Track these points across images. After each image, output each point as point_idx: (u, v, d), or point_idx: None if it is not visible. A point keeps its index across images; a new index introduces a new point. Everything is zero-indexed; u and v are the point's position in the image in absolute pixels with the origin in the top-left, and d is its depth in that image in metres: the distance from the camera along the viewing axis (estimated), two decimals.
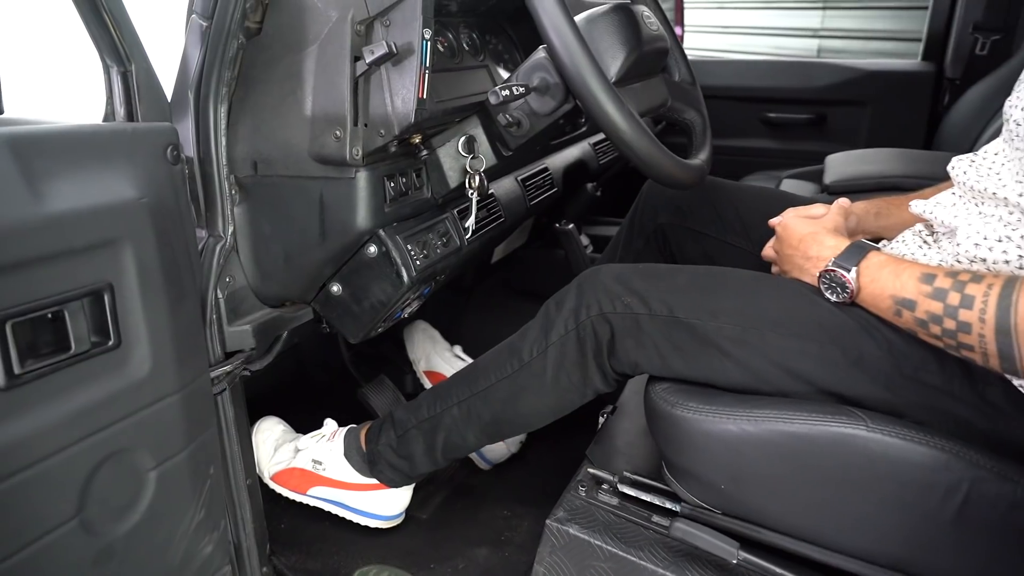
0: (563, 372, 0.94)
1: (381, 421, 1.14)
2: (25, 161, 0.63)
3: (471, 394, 1.01)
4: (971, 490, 0.74)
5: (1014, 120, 0.82)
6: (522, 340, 0.98)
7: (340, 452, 1.16)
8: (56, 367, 0.66)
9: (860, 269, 0.80)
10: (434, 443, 1.06)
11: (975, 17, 1.88)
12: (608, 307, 0.90)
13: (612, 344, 0.91)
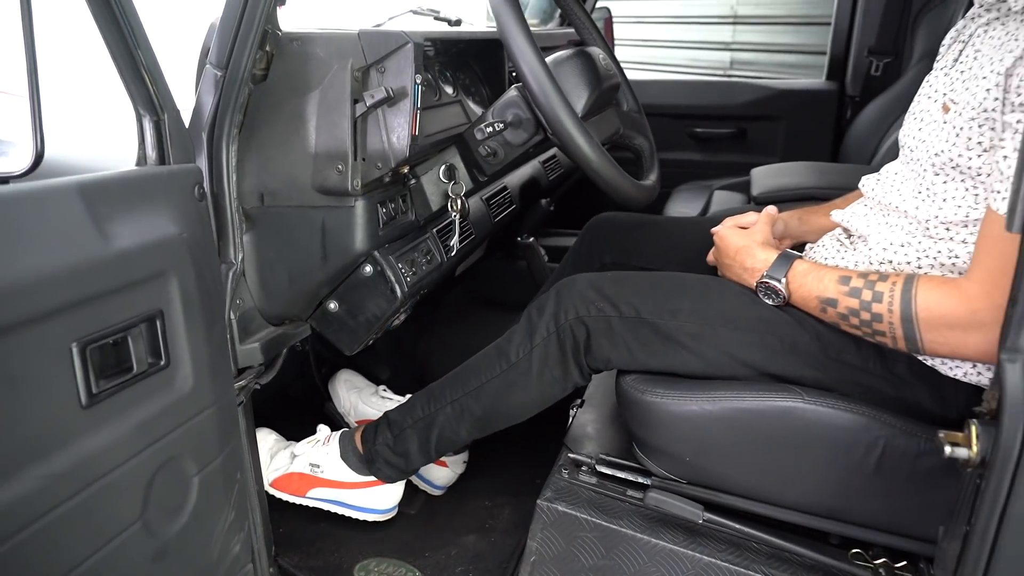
0: (547, 369, 1.07)
1: (376, 424, 1.24)
2: (92, 206, 0.72)
3: (463, 393, 1.13)
4: (886, 445, 0.92)
5: (907, 146, 1.01)
6: (508, 343, 1.11)
7: (337, 454, 1.25)
8: (123, 386, 0.74)
9: (788, 278, 0.97)
10: (428, 440, 1.17)
11: (869, 42, 2.13)
12: (584, 311, 1.04)
13: (588, 343, 1.05)
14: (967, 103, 0.87)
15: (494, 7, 0.97)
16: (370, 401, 1.48)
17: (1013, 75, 0.82)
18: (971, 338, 0.83)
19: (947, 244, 0.93)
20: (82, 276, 0.69)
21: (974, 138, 0.87)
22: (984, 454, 0.74)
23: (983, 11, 0.96)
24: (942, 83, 0.98)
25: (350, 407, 1.50)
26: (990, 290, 0.81)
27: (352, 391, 1.51)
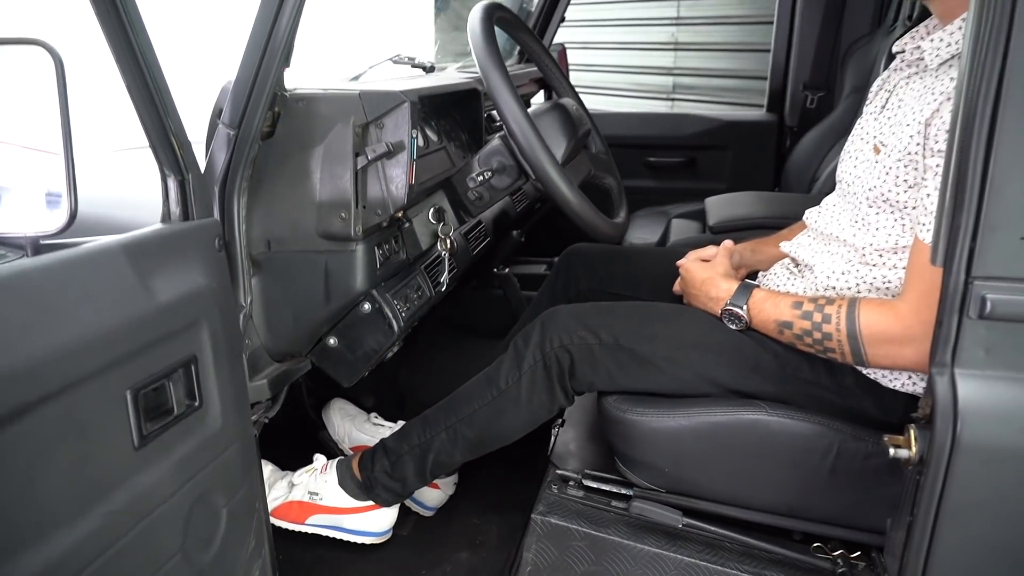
0: (534, 395, 1.17)
1: (372, 451, 1.32)
2: (135, 262, 0.79)
3: (457, 419, 1.22)
4: (839, 449, 1.05)
5: (844, 181, 1.15)
6: (497, 371, 1.20)
7: (335, 481, 1.32)
8: (166, 427, 0.81)
9: (749, 305, 1.10)
10: (424, 465, 1.26)
11: (804, 78, 2.33)
12: (567, 340, 1.15)
13: (572, 369, 1.15)
14: (894, 146, 1.02)
15: (482, 67, 1.08)
16: (363, 428, 1.56)
17: (931, 124, 0.96)
18: (906, 351, 0.97)
19: (880, 271, 1.07)
20: (134, 330, 0.76)
21: (901, 176, 1.01)
22: (922, 454, 0.87)
23: (905, 66, 1.11)
24: (872, 127, 1.12)
25: (344, 434, 1.57)
26: (919, 309, 0.94)
27: (346, 419, 1.58)
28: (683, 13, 5.56)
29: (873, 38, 2.16)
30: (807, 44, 2.29)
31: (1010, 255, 0.79)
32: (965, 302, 0.81)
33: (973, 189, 0.78)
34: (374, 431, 1.54)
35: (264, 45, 0.97)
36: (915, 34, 1.11)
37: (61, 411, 0.66)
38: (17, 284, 0.65)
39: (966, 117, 0.78)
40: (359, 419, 1.58)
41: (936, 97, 0.97)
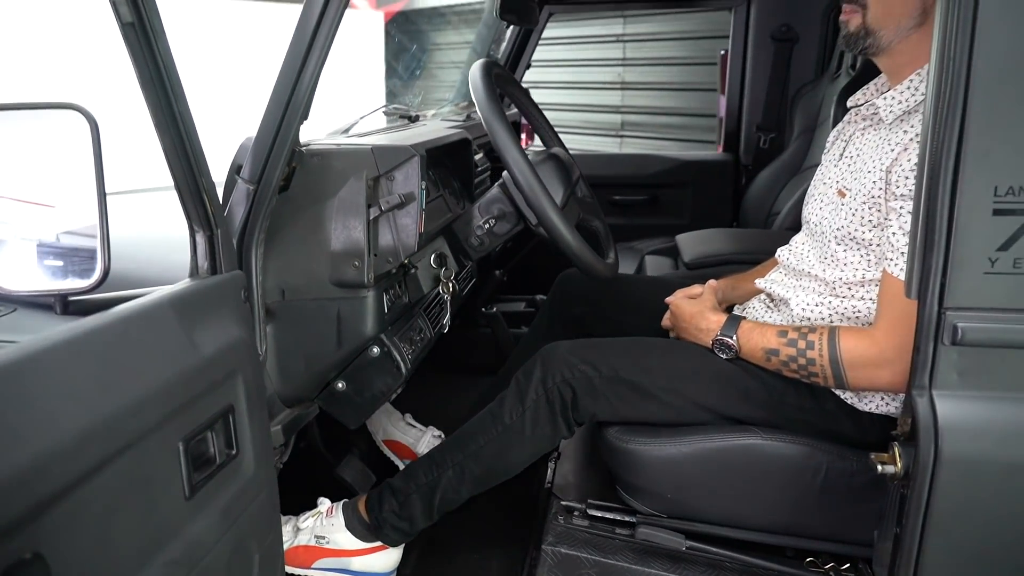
0: (538, 428, 1.23)
1: (379, 492, 1.34)
2: (181, 317, 0.82)
3: (464, 456, 1.26)
4: (828, 468, 1.14)
5: (812, 223, 1.26)
6: (501, 407, 1.25)
7: (342, 524, 1.34)
8: (210, 476, 0.84)
9: (738, 335, 1.19)
10: (432, 502, 1.29)
11: (757, 120, 2.49)
12: (568, 374, 1.21)
13: (575, 402, 1.21)
14: (858, 190, 1.13)
15: (487, 121, 1.16)
16: (398, 425, 1.63)
17: (892, 171, 1.08)
18: (883, 373, 1.07)
19: (851, 302, 1.17)
20: (185, 382, 0.79)
21: (866, 216, 1.12)
22: (907, 468, 0.96)
23: (860, 119, 1.23)
24: (833, 173, 1.24)
25: (379, 427, 1.65)
26: (893, 334, 1.04)
27: (383, 413, 1.65)
28: (629, 54, 5.81)
29: (818, 84, 2.34)
30: (758, 89, 2.46)
31: (976, 288, 0.90)
32: (939, 330, 0.91)
33: (941, 231, 0.89)
34: (406, 430, 1.61)
35: (286, 102, 1.02)
36: (867, 91, 1.24)
37: (130, 464, 0.69)
38: (89, 341, 0.68)
39: (932, 168, 0.89)
40: (394, 416, 1.65)
41: (894, 147, 1.09)
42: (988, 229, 0.88)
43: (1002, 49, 0.84)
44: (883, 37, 1.11)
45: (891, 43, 1.12)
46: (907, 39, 1.11)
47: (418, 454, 1.63)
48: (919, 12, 1.08)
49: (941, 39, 0.86)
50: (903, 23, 1.10)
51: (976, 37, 0.84)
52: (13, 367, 0.59)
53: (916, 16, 1.09)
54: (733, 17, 2.49)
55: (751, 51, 2.46)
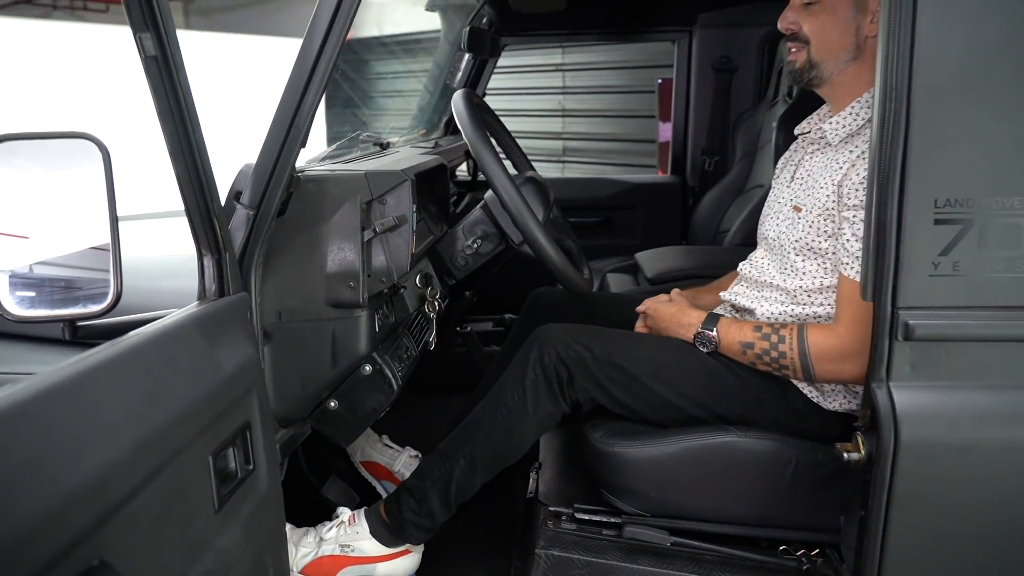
0: (540, 406, 1.28)
1: (396, 494, 1.38)
2: (204, 336, 0.86)
3: (472, 445, 1.31)
4: (796, 462, 1.24)
5: (770, 238, 1.37)
6: (501, 392, 1.31)
7: (367, 531, 1.37)
8: (233, 491, 0.86)
9: (718, 328, 1.29)
10: (448, 494, 1.33)
11: (701, 144, 2.65)
12: (563, 353, 1.27)
13: (571, 379, 1.27)
14: (813, 205, 1.25)
15: (473, 146, 1.23)
16: (375, 447, 1.66)
17: (843, 185, 1.20)
18: (846, 366, 1.17)
19: (811, 308, 1.28)
20: (211, 398, 0.82)
21: (821, 228, 1.24)
22: (869, 455, 1.06)
23: (808, 144, 1.36)
24: (787, 193, 1.36)
25: (357, 448, 1.67)
26: (852, 330, 1.15)
27: (361, 436, 1.64)
28: (568, 83, 6.00)
29: (757, 110, 2.51)
30: (702, 115, 2.62)
31: (922, 289, 1.01)
32: (894, 328, 1.02)
33: (891, 239, 1.01)
34: (383, 450, 1.64)
35: (287, 130, 1.07)
36: (811, 120, 1.38)
37: (173, 476, 0.72)
38: (133, 359, 0.71)
39: (880, 184, 1.00)
40: (372, 438, 1.67)
41: (842, 165, 1.22)
42: (931, 237, 1.00)
43: (937, 78, 0.97)
44: (825, 70, 1.25)
45: (832, 75, 1.25)
46: (845, 71, 1.25)
47: (395, 473, 1.67)
48: (854, 48, 1.23)
49: (883, 70, 0.98)
50: (841, 57, 1.23)
51: (914, 68, 0.97)
52: (73, 383, 0.62)
53: (852, 51, 1.23)
54: (676, 49, 2.65)
55: (694, 80, 2.62)
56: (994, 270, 1.00)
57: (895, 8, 0.96)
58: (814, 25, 1.23)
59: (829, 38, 1.23)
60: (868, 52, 1.22)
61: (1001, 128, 0.98)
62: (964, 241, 1.00)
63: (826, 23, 1.22)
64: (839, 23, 1.22)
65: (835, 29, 1.22)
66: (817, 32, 1.23)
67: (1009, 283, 1.01)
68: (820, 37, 1.23)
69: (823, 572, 1.24)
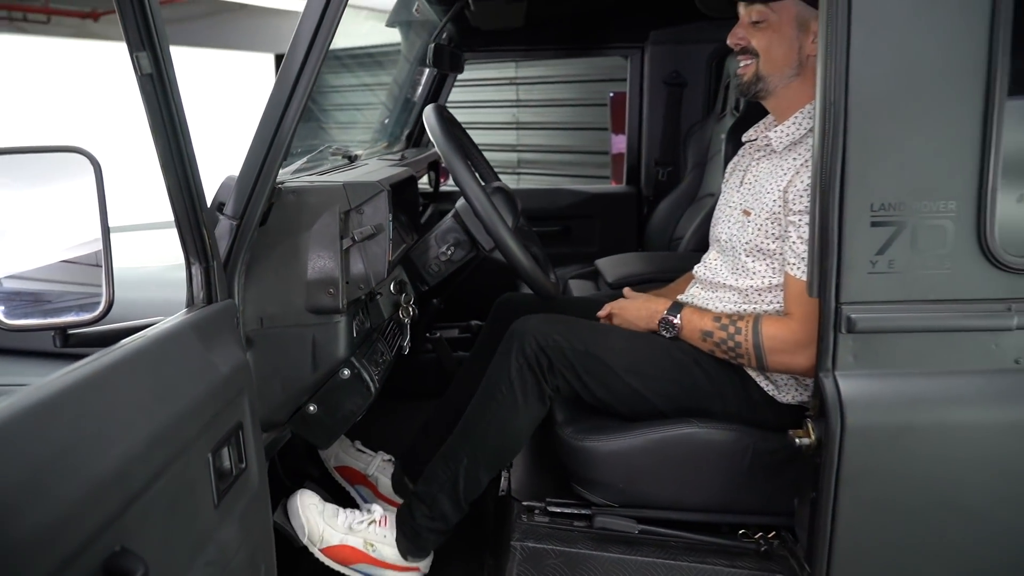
0: (528, 396, 1.34)
1: (407, 505, 1.42)
2: (201, 340, 0.89)
3: (472, 445, 1.37)
4: (753, 449, 1.33)
5: (721, 240, 1.47)
6: (490, 387, 1.36)
7: (392, 539, 1.40)
8: (229, 487, 0.90)
9: (681, 316, 1.37)
10: (457, 494, 1.38)
11: (655, 156, 2.76)
12: (542, 341, 1.34)
13: (551, 367, 1.34)
14: (760, 209, 1.35)
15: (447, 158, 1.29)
16: (349, 451, 1.69)
17: (788, 191, 1.30)
18: (796, 358, 1.27)
19: (761, 306, 1.38)
20: (210, 398, 0.86)
21: (769, 231, 1.34)
22: (819, 439, 1.15)
23: (754, 151, 1.46)
24: (736, 198, 1.46)
25: (331, 454, 1.69)
26: (803, 323, 1.25)
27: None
28: (522, 96, 6.11)
29: (707, 123, 2.63)
30: (655, 128, 2.74)
31: (862, 285, 1.11)
32: (838, 322, 1.12)
33: (833, 241, 1.10)
34: (357, 455, 1.68)
35: (269, 143, 1.11)
36: (758, 128, 1.48)
37: (180, 469, 0.76)
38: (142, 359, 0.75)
39: (822, 190, 1.10)
40: (345, 443, 1.70)
41: (786, 172, 1.32)
42: (868, 238, 1.11)
43: (870, 95, 1.07)
44: (771, 83, 1.36)
45: (776, 88, 1.36)
46: (789, 85, 1.36)
47: (369, 477, 1.70)
48: (797, 64, 1.34)
49: (822, 88, 1.08)
50: (785, 72, 1.35)
51: (849, 86, 1.07)
52: (92, 381, 0.66)
53: (795, 67, 1.34)
54: (629, 64, 2.76)
55: (646, 94, 2.74)
56: (924, 267, 1.11)
57: (832, 32, 1.06)
58: (762, 42, 1.34)
59: (775, 54, 1.34)
60: (809, 68, 1.33)
61: (927, 138, 1.10)
62: (897, 241, 1.10)
63: (773, 40, 1.33)
64: (784, 41, 1.33)
65: (780, 46, 1.33)
66: (764, 48, 1.34)
67: (937, 279, 1.11)
68: (767, 53, 1.34)
69: (780, 553, 1.33)
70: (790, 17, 1.31)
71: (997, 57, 1.06)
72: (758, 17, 1.33)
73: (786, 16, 1.31)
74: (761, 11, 1.32)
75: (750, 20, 1.34)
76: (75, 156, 0.94)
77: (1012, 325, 1.12)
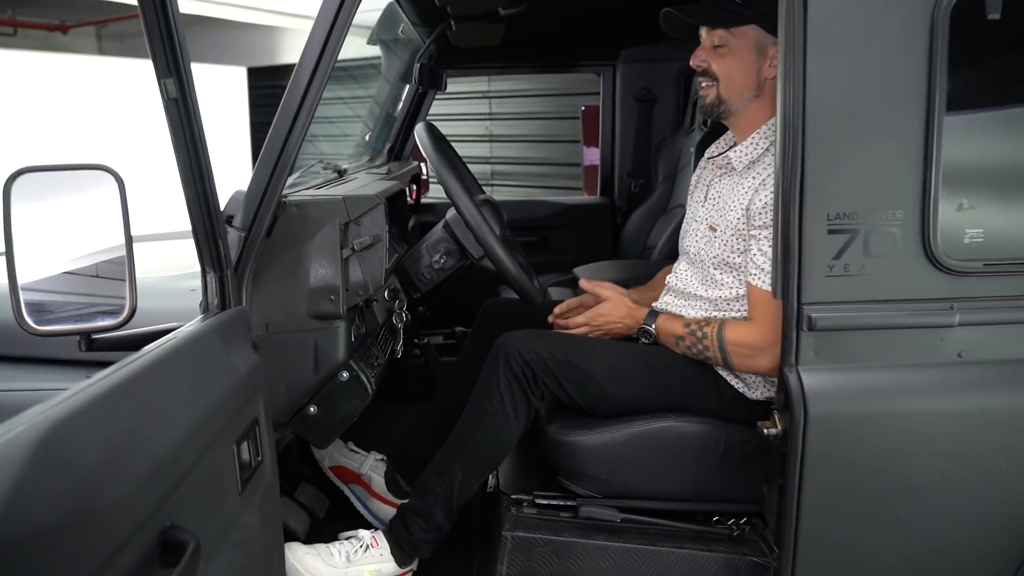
0: (517, 407, 1.43)
1: (401, 517, 1.49)
2: (223, 342, 0.97)
3: (466, 458, 1.45)
4: (725, 442, 1.43)
5: (690, 253, 1.58)
6: (480, 401, 1.44)
7: (388, 553, 1.47)
8: (249, 478, 0.97)
9: (657, 324, 1.48)
10: (451, 504, 1.46)
11: (628, 168, 2.88)
12: (527, 355, 1.42)
13: (535, 378, 1.42)
14: (725, 226, 1.46)
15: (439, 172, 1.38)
16: (343, 452, 1.77)
17: (749, 209, 1.41)
18: (758, 359, 1.38)
19: (730, 314, 1.49)
20: (234, 394, 0.94)
21: (734, 246, 1.45)
22: (785, 430, 1.26)
23: (715, 167, 1.57)
24: (702, 213, 1.57)
25: (325, 454, 1.76)
26: (764, 329, 1.36)
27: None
28: (495, 110, 6.23)
29: (676, 137, 2.76)
30: (627, 141, 2.86)
31: (821, 287, 1.23)
32: (800, 321, 1.23)
33: (795, 247, 1.22)
34: (350, 456, 1.76)
35: (277, 158, 1.19)
36: (719, 145, 1.59)
37: (214, 456, 0.83)
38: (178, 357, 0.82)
39: (784, 202, 1.22)
40: (338, 444, 1.78)
41: (747, 190, 1.43)
42: (826, 244, 1.22)
43: (825, 115, 1.19)
44: (731, 105, 1.47)
45: (737, 109, 1.47)
46: (749, 107, 1.47)
47: (362, 476, 1.78)
48: (756, 87, 1.45)
49: (782, 109, 1.20)
50: (745, 94, 1.45)
51: (806, 107, 1.19)
52: (141, 376, 0.73)
53: (754, 90, 1.45)
54: (602, 81, 2.88)
55: (618, 110, 2.86)
56: (876, 270, 1.23)
57: (790, 59, 1.18)
58: (722, 66, 1.44)
59: (735, 78, 1.44)
60: (767, 90, 1.44)
61: (876, 153, 1.21)
62: (852, 247, 1.22)
63: (732, 65, 1.43)
64: (744, 65, 1.43)
65: (740, 71, 1.43)
66: (725, 73, 1.44)
67: (888, 281, 1.23)
68: (727, 77, 1.44)
69: (751, 537, 1.43)
70: (749, 42, 1.42)
71: (936, 78, 1.18)
72: (719, 42, 1.43)
73: (746, 41, 1.41)
74: (722, 36, 1.42)
75: (711, 44, 1.44)
76: (101, 173, 1.02)
77: (955, 322, 1.24)
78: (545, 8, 2.04)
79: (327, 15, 1.18)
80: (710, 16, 1.43)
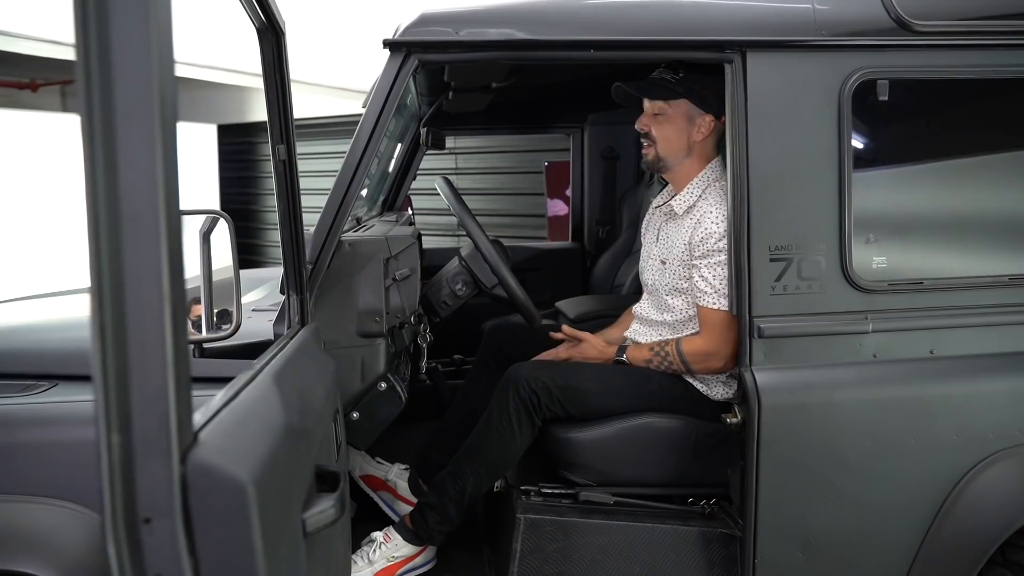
0: (523, 427, 1.72)
1: (420, 513, 1.77)
2: (309, 359, 1.25)
3: (478, 464, 1.73)
4: (696, 435, 1.75)
5: (649, 284, 1.92)
6: (491, 421, 1.73)
7: (402, 540, 1.75)
8: (338, 451, 1.24)
9: (627, 355, 1.80)
10: (463, 502, 1.73)
11: (596, 216, 3.26)
12: (533, 384, 1.72)
13: (540, 403, 1.72)
14: (673, 259, 1.81)
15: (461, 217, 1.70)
16: (371, 463, 2.04)
17: (691, 242, 1.76)
18: (712, 362, 1.71)
19: (685, 333, 1.82)
20: (333, 383, 1.21)
21: (682, 275, 1.80)
22: (743, 419, 1.58)
23: (661, 213, 1.93)
24: (655, 251, 1.91)
25: (356, 464, 2.02)
26: (711, 337, 1.70)
27: (358, 454, 2.05)
28: (461, 164, 6.63)
29: (637, 189, 3.15)
30: (595, 193, 3.24)
31: (767, 303, 1.57)
32: (752, 330, 1.57)
33: (745, 272, 1.56)
34: (377, 466, 2.04)
35: (339, 205, 1.49)
36: (663, 196, 1.94)
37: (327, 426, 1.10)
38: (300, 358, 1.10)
39: (736, 235, 1.57)
40: (367, 456, 2.06)
41: (688, 230, 1.78)
42: (769, 270, 1.57)
43: (764, 171, 1.55)
44: (668, 162, 1.83)
45: (674, 166, 1.83)
46: (683, 164, 1.82)
47: (388, 482, 2.04)
48: (687, 148, 1.80)
49: (732, 165, 1.56)
50: (679, 155, 1.81)
51: (750, 165, 1.55)
52: (291, 360, 1.01)
53: (686, 150, 1.80)
54: (571, 140, 3.28)
55: (586, 165, 3.25)
56: (809, 290, 1.58)
57: (736, 128, 1.54)
58: (660, 131, 1.80)
59: (670, 140, 1.80)
60: (697, 151, 1.80)
61: (804, 200, 1.58)
62: (789, 272, 1.57)
63: (668, 130, 1.79)
64: (677, 131, 1.79)
65: (674, 134, 1.79)
66: (663, 137, 1.80)
67: (817, 298, 1.59)
68: (665, 140, 1.81)
69: (719, 515, 1.74)
70: (682, 112, 1.78)
71: (844, 143, 1.56)
72: (658, 110, 1.79)
73: (679, 111, 1.78)
74: (660, 107, 1.79)
75: (652, 112, 1.80)
76: (216, 217, 1.30)
77: (868, 329, 1.59)
78: (525, 80, 2.42)
79: (382, 90, 1.50)
80: (650, 90, 1.79)
